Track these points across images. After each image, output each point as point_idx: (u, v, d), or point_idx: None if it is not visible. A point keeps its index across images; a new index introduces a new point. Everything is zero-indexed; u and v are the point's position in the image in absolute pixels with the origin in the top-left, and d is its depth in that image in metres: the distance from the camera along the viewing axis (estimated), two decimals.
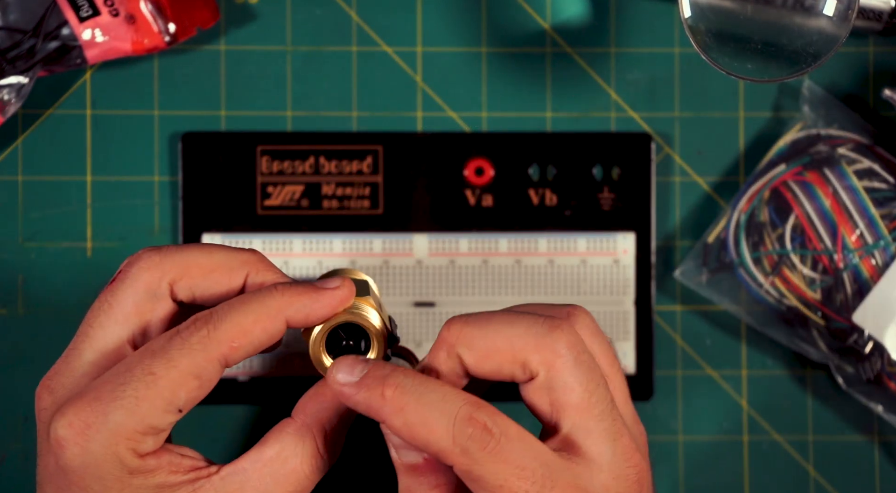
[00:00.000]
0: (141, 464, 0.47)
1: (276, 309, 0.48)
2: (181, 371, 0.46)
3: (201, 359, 0.46)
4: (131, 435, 0.46)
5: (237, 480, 0.47)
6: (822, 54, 0.57)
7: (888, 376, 0.64)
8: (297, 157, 0.66)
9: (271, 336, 0.48)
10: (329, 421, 0.48)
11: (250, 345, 0.47)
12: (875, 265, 0.63)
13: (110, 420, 0.46)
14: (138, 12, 0.63)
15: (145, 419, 0.46)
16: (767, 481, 0.67)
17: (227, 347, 0.47)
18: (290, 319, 0.48)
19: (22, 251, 0.66)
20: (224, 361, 0.47)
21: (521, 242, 0.66)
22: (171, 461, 0.47)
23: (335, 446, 0.49)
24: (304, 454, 0.48)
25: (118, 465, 0.46)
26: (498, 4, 0.67)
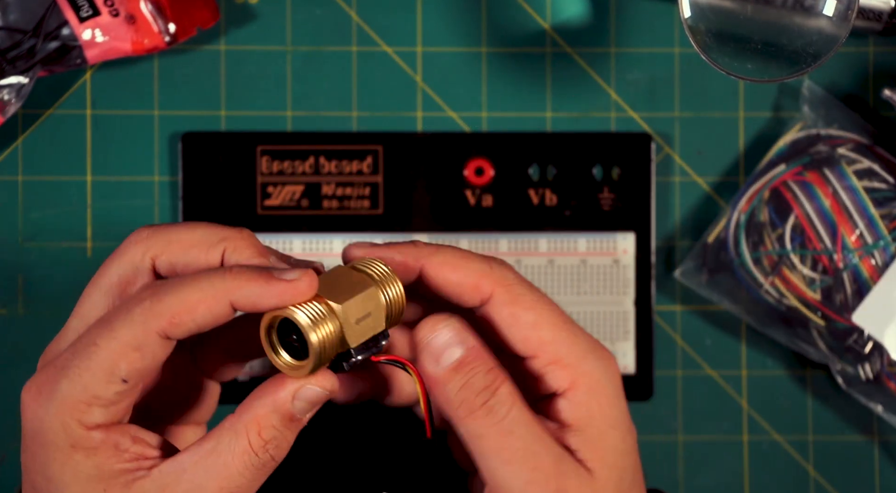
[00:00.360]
0: (85, 436, 0.47)
1: (223, 291, 0.47)
2: (121, 342, 0.47)
3: (140, 331, 0.47)
4: (76, 405, 0.47)
5: (174, 472, 0.47)
6: (822, 54, 0.57)
7: (888, 376, 0.64)
8: (297, 157, 0.66)
9: (216, 317, 0.47)
10: (265, 418, 0.47)
11: (192, 322, 0.47)
12: (875, 265, 0.63)
13: (58, 389, 0.47)
14: (138, 12, 0.63)
15: (88, 388, 0.47)
16: (767, 481, 0.67)
17: (167, 321, 0.47)
18: (236, 303, 0.47)
19: (22, 251, 0.66)
20: (164, 335, 0.47)
21: (521, 242, 0.66)
22: (118, 444, 0.47)
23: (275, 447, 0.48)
24: (236, 450, 0.47)
25: (63, 435, 0.47)
26: (498, 4, 0.67)
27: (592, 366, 0.49)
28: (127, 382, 0.47)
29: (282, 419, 0.47)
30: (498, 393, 0.48)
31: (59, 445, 0.47)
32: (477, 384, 0.48)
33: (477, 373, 0.48)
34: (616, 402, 0.50)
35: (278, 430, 0.47)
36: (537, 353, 0.49)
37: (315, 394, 0.48)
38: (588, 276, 0.66)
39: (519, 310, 0.49)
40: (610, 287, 0.66)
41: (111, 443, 0.47)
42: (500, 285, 0.49)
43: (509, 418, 0.48)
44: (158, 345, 0.47)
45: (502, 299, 0.49)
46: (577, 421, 0.49)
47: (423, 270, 0.50)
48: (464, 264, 0.50)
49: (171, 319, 0.47)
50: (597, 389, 0.49)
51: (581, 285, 0.66)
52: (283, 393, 0.47)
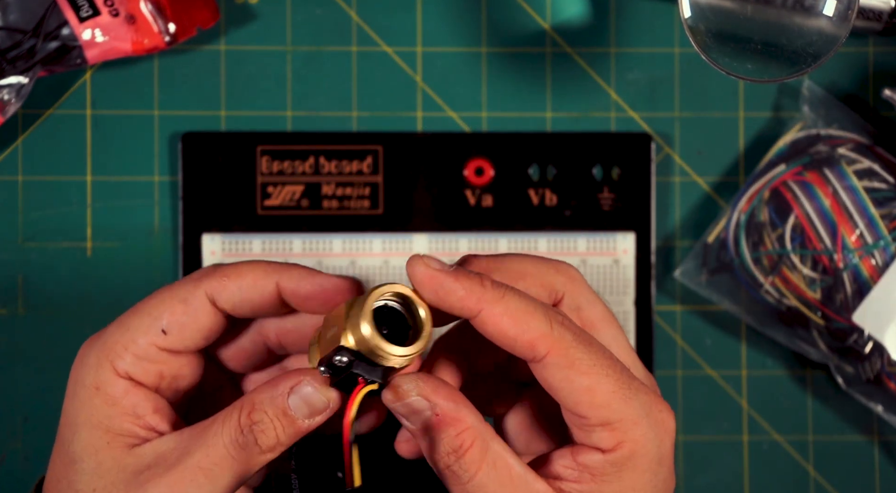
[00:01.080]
0: (110, 380, 0.49)
1: (272, 270, 0.50)
2: (170, 293, 0.50)
3: (191, 286, 0.50)
4: (114, 346, 0.49)
5: (173, 440, 0.49)
6: (822, 54, 0.57)
7: (888, 376, 0.64)
8: (297, 157, 0.66)
9: (261, 293, 0.50)
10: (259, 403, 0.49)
11: (238, 290, 0.50)
12: (875, 265, 0.63)
13: (107, 331, 0.50)
14: (138, 12, 0.63)
15: (129, 331, 0.50)
16: (767, 481, 0.67)
17: (217, 282, 0.50)
18: (281, 283, 0.50)
19: (22, 251, 0.66)
20: (211, 295, 0.50)
21: (521, 242, 0.66)
22: (137, 407, 0.50)
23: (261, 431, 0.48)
24: (227, 422, 0.49)
25: (93, 376, 0.49)
26: (498, 4, 0.67)
27: (642, 433, 0.48)
28: (166, 334, 0.50)
29: (275, 409, 0.48)
30: (462, 459, 0.48)
31: (86, 383, 0.49)
32: (441, 448, 0.48)
33: (444, 437, 0.48)
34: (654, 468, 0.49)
35: (269, 417, 0.48)
36: (588, 415, 0.48)
37: (310, 395, 0.48)
38: (588, 276, 0.66)
39: (574, 374, 0.48)
40: (610, 287, 0.66)
41: (131, 403, 0.50)
42: (556, 348, 0.48)
43: (474, 482, 0.48)
44: (203, 306, 0.50)
45: (557, 362, 0.48)
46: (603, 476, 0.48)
47: (481, 316, 0.48)
48: (524, 320, 0.47)
49: (220, 280, 0.50)
50: (638, 454, 0.48)
51: None
52: (283, 385, 0.49)
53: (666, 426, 0.49)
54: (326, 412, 0.49)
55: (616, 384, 0.48)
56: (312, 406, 0.49)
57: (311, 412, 0.49)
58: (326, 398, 0.49)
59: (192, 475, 0.48)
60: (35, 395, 0.65)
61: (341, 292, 0.50)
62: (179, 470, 0.48)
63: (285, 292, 0.50)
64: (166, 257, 0.66)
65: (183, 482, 0.48)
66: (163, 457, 0.49)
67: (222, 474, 0.48)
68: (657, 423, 0.49)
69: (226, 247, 0.65)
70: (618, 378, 0.48)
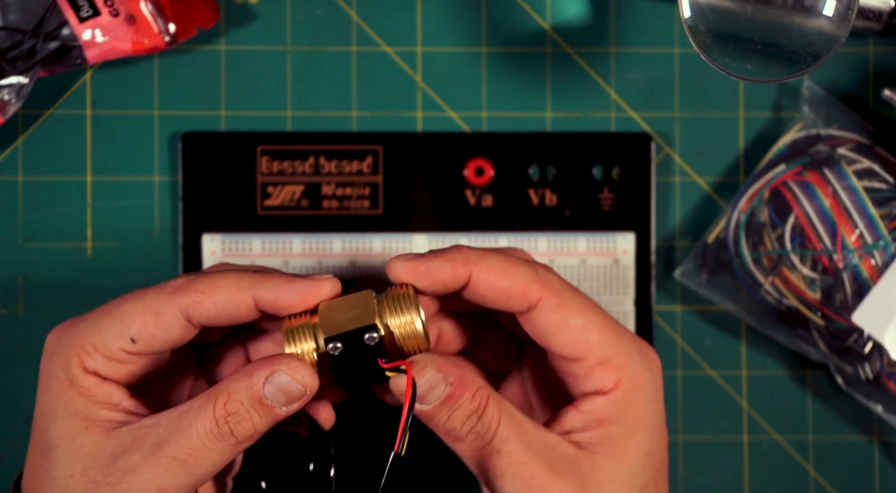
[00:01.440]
0: (81, 377, 0.50)
1: (248, 283, 0.50)
2: (144, 303, 0.50)
3: (165, 300, 0.50)
4: (84, 345, 0.50)
5: (149, 425, 0.49)
6: (822, 54, 0.57)
7: (888, 376, 0.64)
8: (297, 157, 0.66)
9: (237, 307, 0.50)
10: (235, 393, 0.49)
11: (213, 306, 0.50)
12: (875, 265, 0.63)
13: (77, 327, 0.50)
14: (138, 12, 0.63)
15: (99, 332, 0.50)
16: (767, 481, 0.67)
17: (191, 298, 0.49)
18: (258, 296, 0.50)
19: (22, 251, 0.66)
20: (186, 311, 0.50)
21: (521, 242, 0.66)
22: (112, 396, 0.50)
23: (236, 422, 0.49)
24: (201, 413, 0.49)
25: (64, 371, 0.50)
26: (498, 4, 0.67)
27: (637, 366, 0.50)
28: (135, 342, 0.50)
29: (251, 399, 0.49)
30: (483, 417, 0.49)
31: (59, 378, 0.50)
32: (461, 413, 0.49)
33: (462, 403, 0.49)
34: (653, 398, 0.51)
35: (244, 407, 0.49)
36: (586, 355, 0.50)
37: (285, 383, 0.49)
38: (588, 276, 0.66)
39: (567, 314, 0.50)
40: (610, 287, 0.66)
41: (105, 393, 0.50)
42: (547, 290, 0.50)
43: (497, 438, 0.49)
44: (176, 321, 0.50)
45: (550, 304, 0.50)
46: (609, 418, 0.50)
47: (471, 276, 0.50)
48: (511, 270, 0.50)
49: (195, 297, 0.49)
50: (637, 388, 0.50)
51: (581, 285, 0.66)
52: (258, 374, 0.49)
53: (653, 360, 0.52)
54: (303, 399, 0.49)
55: (606, 322, 0.50)
56: (289, 394, 0.49)
57: (288, 400, 0.49)
58: (302, 386, 0.49)
59: (168, 465, 0.49)
60: (35, 395, 0.65)
61: (320, 296, 0.50)
62: (155, 461, 0.49)
63: (263, 304, 0.50)
64: (166, 257, 0.66)
65: (158, 473, 0.49)
66: (139, 441, 0.49)
67: (197, 463, 0.49)
68: (646, 357, 0.51)
69: (226, 247, 0.65)
70: (606, 317, 0.51)
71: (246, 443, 0.49)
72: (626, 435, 0.50)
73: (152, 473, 0.48)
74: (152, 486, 0.48)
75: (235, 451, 0.49)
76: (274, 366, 0.49)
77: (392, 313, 0.50)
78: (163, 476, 0.48)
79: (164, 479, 0.48)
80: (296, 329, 0.50)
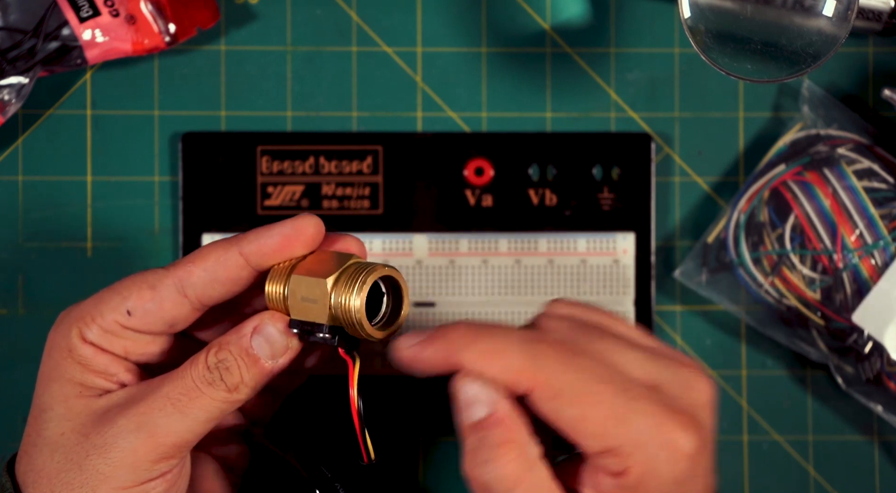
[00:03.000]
0: (79, 346, 0.51)
1: (231, 242, 0.51)
2: (142, 277, 0.51)
3: (161, 273, 0.51)
4: (83, 316, 0.51)
5: (145, 385, 0.50)
6: (822, 55, 0.57)
7: (888, 375, 0.64)
8: (297, 157, 0.66)
9: (227, 267, 0.51)
10: (225, 344, 0.50)
11: (204, 271, 0.51)
12: (875, 265, 0.63)
13: (82, 304, 0.52)
14: (139, 13, 0.63)
15: (99, 304, 0.51)
16: (767, 481, 0.67)
17: (183, 269, 0.51)
18: (243, 249, 0.51)
19: (22, 251, 0.66)
20: (180, 283, 0.51)
21: (521, 242, 0.66)
22: (108, 367, 0.51)
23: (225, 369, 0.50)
24: (196, 360, 0.50)
25: (65, 340, 0.51)
26: (498, 4, 0.67)
27: (648, 456, 0.46)
28: (130, 315, 0.51)
29: (239, 348, 0.50)
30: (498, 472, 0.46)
31: (60, 345, 0.51)
32: (482, 455, 0.46)
33: (486, 442, 0.46)
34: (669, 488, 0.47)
35: (233, 356, 0.50)
36: (586, 444, 0.46)
37: (271, 335, 0.50)
38: (588, 276, 0.66)
39: (560, 406, 0.46)
40: (610, 287, 0.66)
41: (102, 363, 0.51)
42: (538, 381, 0.46)
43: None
44: (170, 294, 0.51)
45: (541, 395, 0.46)
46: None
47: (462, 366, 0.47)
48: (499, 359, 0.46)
49: (186, 267, 0.51)
50: (652, 475, 0.46)
51: (581, 285, 0.66)
52: (247, 327, 0.50)
53: (674, 445, 0.46)
54: (287, 354, 0.51)
55: (610, 409, 0.46)
56: (274, 347, 0.50)
57: (273, 354, 0.50)
58: (286, 341, 0.50)
59: (161, 404, 0.49)
60: None
61: (304, 233, 0.51)
62: (148, 401, 0.49)
63: (251, 257, 0.51)
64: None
65: (152, 411, 0.49)
66: (132, 397, 0.50)
67: (191, 404, 0.49)
68: (665, 443, 0.46)
69: None
70: (612, 402, 0.46)
71: (236, 394, 0.50)
72: None
73: (144, 415, 0.49)
74: (143, 428, 0.49)
75: (228, 402, 0.50)
76: (262, 317, 0.50)
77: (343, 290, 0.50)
78: (155, 416, 0.49)
79: (157, 418, 0.49)
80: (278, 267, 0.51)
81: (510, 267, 0.66)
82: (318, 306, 0.50)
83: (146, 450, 0.49)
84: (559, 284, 0.66)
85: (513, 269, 0.66)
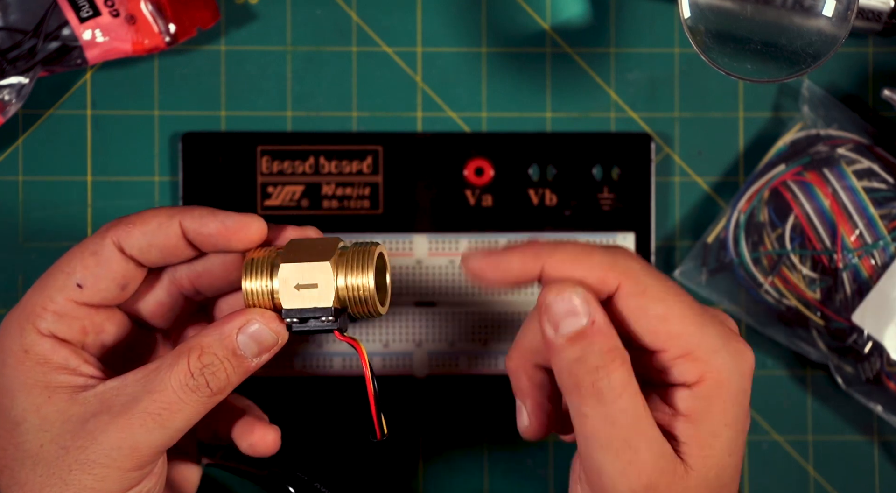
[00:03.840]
0: (36, 342, 0.50)
1: (175, 212, 0.51)
2: (80, 248, 0.51)
3: (98, 238, 0.51)
4: (33, 308, 0.50)
5: (116, 387, 0.50)
6: (822, 55, 0.57)
7: (887, 375, 0.64)
8: (297, 157, 0.66)
9: (167, 235, 0.51)
10: (208, 345, 0.49)
11: (143, 235, 0.51)
12: (874, 265, 0.63)
13: (27, 298, 0.51)
14: (139, 13, 0.63)
15: (45, 290, 0.51)
16: (767, 481, 0.67)
17: (122, 229, 0.51)
18: (184, 224, 0.51)
19: (22, 251, 0.66)
20: (118, 242, 0.51)
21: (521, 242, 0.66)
22: (68, 361, 0.50)
23: (211, 373, 0.49)
24: (174, 368, 0.49)
25: (18, 342, 0.50)
26: (498, 4, 0.67)
27: (722, 362, 0.48)
28: (81, 287, 0.50)
29: (224, 350, 0.49)
30: (611, 377, 0.47)
31: (14, 349, 0.50)
32: (591, 362, 0.47)
33: (594, 350, 0.47)
34: (739, 399, 0.48)
35: (219, 359, 0.49)
36: (666, 346, 0.48)
37: (259, 332, 0.50)
38: None
39: (647, 301, 0.47)
40: None
41: (62, 357, 0.50)
42: (626, 277, 0.47)
43: (616, 406, 0.47)
44: (113, 255, 0.51)
45: (629, 290, 0.47)
46: (695, 414, 0.48)
47: (545, 270, 0.48)
48: (586, 258, 0.48)
49: (125, 227, 0.50)
50: (723, 385, 0.48)
51: None
52: (230, 326, 0.50)
53: (745, 357, 0.48)
54: (275, 347, 0.50)
55: (690, 311, 0.47)
56: (262, 344, 0.50)
57: (261, 350, 0.50)
58: (275, 334, 0.50)
59: (142, 420, 0.49)
60: None
61: (245, 230, 0.51)
62: (128, 416, 0.49)
63: (190, 233, 0.51)
64: None
65: (132, 427, 0.49)
66: (108, 403, 0.49)
67: (173, 417, 0.49)
68: (736, 352, 0.48)
69: None
70: (691, 305, 0.48)
71: (219, 396, 0.50)
72: (711, 434, 0.48)
73: (125, 430, 0.48)
74: (126, 443, 0.48)
75: (210, 404, 0.50)
76: (248, 315, 0.50)
77: (347, 271, 0.50)
78: (137, 432, 0.49)
79: (139, 435, 0.49)
80: (256, 262, 0.51)
81: None
82: (321, 291, 0.50)
83: (131, 464, 0.49)
84: None
85: None
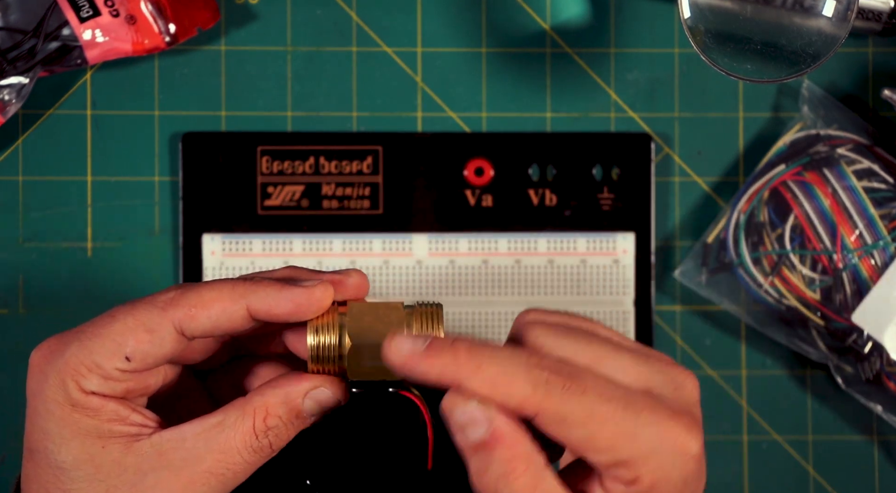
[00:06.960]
0: (83, 399, 0.49)
1: (240, 293, 0.49)
2: (136, 320, 0.49)
3: (157, 316, 0.49)
4: (78, 368, 0.49)
5: (174, 439, 0.49)
6: (822, 55, 0.57)
7: (887, 375, 0.64)
8: (297, 157, 0.66)
9: (231, 318, 0.49)
10: (273, 407, 0.49)
11: (207, 319, 0.49)
12: (874, 265, 0.63)
13: (67, 351, 0.49)
14: (139, 13, 0.63)
15: (92, 354, 0.49)
16: (767, 481, 0.67)
17: (184, 312, 0.49)
18: (251, 306, 0.49)
19: (22, 251, 0.66)
20: (179, 326, 0.49)
21: (520, 242, 0.66)
22: (118, 411, 0.49)
23: (275, 435, 0.49)
24: (239, 428, 0.49)
25: (63, 394, 0.49)
26: (498, 4, 0.67)
27: (660, 462, 0.46)
28: (130, 361, 0.49)
29: (289, 412, 0.49)
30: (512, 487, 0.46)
31: (59, 402, 0.49)
32: (493, 470, 0.46)
33: (494, 458, 0.46)
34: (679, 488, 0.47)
35: (283, 421, 0.49)
36: (594, 460, 0.46)
37: (326, 397, 0.49)
38: (588, 276, 0.66)
39: (567, 429, 0.46)
40: (610, 287, 0.66)
41: (111, 410, 0.49)
42: (543, 408, 0.46)
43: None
44: (170, 335, 0.49)
45: (547, 420, 0.46)
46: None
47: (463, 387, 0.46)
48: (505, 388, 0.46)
49: (188, 311, 0.49)
50: (664, 480, 0.47)
51: (581, 285, 0.66)
52: (297, 388, 0.49)
53: (683, 448, 0.47)
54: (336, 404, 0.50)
55: (617, 427, 0.46)
56: (324, 406, 0.50)
57: (322, 412, 0.50)
58: (340, 398, 0.50)
59: (205, 479, 0.49)
60: None
61: (317, 305, 0.49)
62: (191, 475, 0.48)
63: (258, 314, 0.49)
64: (166, 257, 0.66)
65: (195, 486, 0.48)
66: (167, 457, 0.49)
67: (236, 477, 0.49)
68: (673, 449, 0.47)
69: (226, 247, 0.65)
70: (618, 420, 0.46)
71: (276, 451, 0.50)
72: None
73: (188, 489, 0.48)
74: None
75: (266, 459, 0.49)
76: (314, 383, 0.49)
77: None
78: (199, 490, 0.48)
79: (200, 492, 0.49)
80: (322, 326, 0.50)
81: (510, 267, 0.66)
82: None
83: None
84: (559, 284, 0.66)
85: (513, 269, 0.66)
